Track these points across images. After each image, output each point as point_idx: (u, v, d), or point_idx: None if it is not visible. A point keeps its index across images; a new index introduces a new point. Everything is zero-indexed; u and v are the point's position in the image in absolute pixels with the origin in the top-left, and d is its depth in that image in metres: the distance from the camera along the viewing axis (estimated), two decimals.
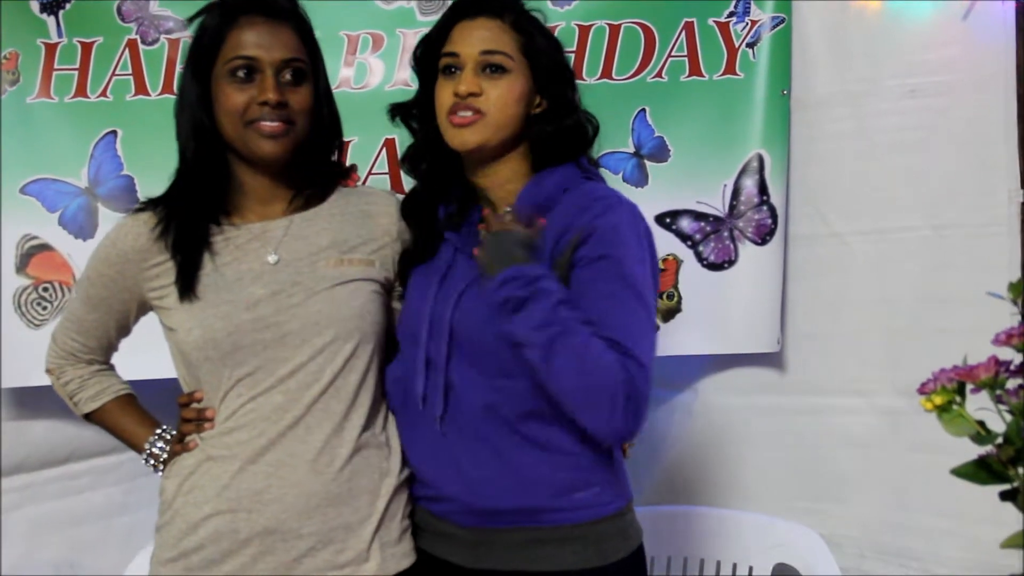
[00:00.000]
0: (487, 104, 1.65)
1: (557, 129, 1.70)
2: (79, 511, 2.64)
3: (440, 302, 1.67)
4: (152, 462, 1.80)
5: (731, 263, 2.65)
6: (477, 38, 1.67)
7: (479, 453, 1.63)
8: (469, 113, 1.65)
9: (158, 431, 1.80)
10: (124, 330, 1.83)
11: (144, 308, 1.77)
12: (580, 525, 1.63)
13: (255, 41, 1.65)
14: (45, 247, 2.47)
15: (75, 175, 2.47)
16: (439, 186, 1.77)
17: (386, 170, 2.50)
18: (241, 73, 1.64)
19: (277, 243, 1.70)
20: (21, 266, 2.46)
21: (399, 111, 1.80)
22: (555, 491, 1.63)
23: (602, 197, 1.66)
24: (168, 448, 1.78)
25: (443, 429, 1.65)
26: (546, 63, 1.70)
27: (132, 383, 1.91)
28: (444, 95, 1.67)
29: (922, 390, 1.07)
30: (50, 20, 2.44)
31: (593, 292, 1.55)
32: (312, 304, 1.66)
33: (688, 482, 2.84)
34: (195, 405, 1.71)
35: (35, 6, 2.43)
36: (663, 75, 2.57)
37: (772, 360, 2.71)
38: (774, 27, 2.59)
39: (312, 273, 1.68)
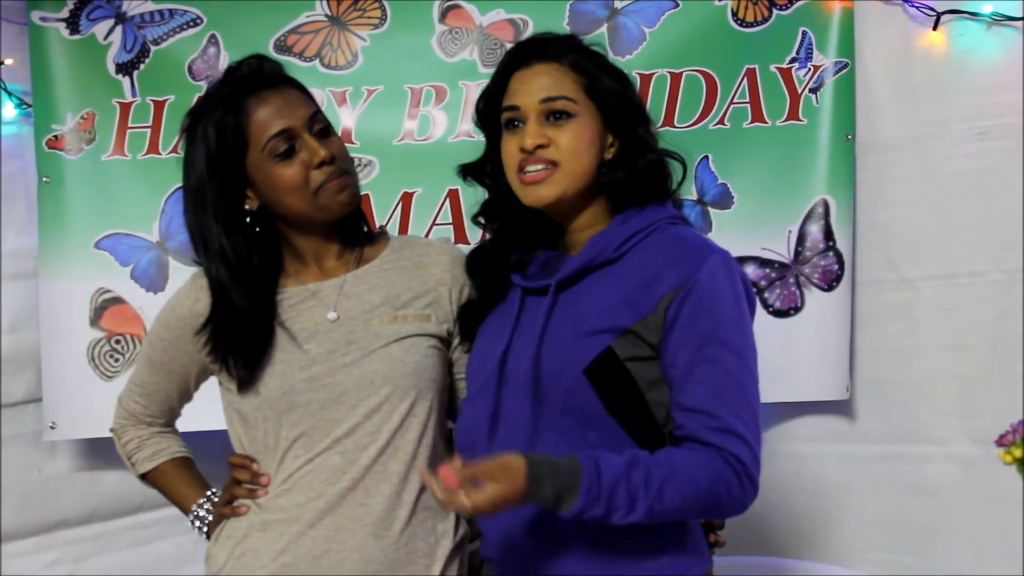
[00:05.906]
0: (558, 153, 1.54)
1: (630, 173, 1.58)
2: (150, 560, 2.68)
3: (517, 345, 1.57)
4: (198, 524, 1.78)
5: (797, 310, 2.62)
6: (536, 86, 1.57)
7: (551, 517, 1.46)
8: (539, 167, 1.55)
9: (208, 493, 1.79)
10: (185, 394, 1.82)
11: (205, 373, 1.76)
12: None
13: (276, 112, 1.61)
14: (118, 300, 2.53)
15: (147, 230, 2.53)
16: (513, 238, 1.68)
17: (450, 221, 2.53)
18: (283, 148, 1.60)
19: (334, 302, 1.68)
20: (95, 319, 2.52)
21: (470, 171, 1.71)
22: (626, 559, 1.52)
23: (694, 247, 1.54)
24: (214, 511, 1.76)
25: None
26: (613, 102, 1.58)
27: (191, 434, 1.90)
28: (510, 151, 1.58)
29: (1000, 442, 1.05)
30: (125, 80, 2.52)
31: (700, 372, 1.48)
32: (367, 363, 1.63)
33: (757, 532, 2.78)
34: (253, 466, 1.69)
35: (111, 67, 2.51)
36: (725, 122, 2.57)
37: (841, 408, 2.67)
38: (837, 72, 2.57)
39: (366, 332, 1.66)
